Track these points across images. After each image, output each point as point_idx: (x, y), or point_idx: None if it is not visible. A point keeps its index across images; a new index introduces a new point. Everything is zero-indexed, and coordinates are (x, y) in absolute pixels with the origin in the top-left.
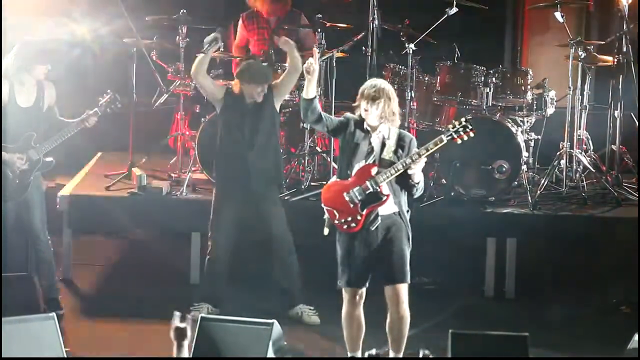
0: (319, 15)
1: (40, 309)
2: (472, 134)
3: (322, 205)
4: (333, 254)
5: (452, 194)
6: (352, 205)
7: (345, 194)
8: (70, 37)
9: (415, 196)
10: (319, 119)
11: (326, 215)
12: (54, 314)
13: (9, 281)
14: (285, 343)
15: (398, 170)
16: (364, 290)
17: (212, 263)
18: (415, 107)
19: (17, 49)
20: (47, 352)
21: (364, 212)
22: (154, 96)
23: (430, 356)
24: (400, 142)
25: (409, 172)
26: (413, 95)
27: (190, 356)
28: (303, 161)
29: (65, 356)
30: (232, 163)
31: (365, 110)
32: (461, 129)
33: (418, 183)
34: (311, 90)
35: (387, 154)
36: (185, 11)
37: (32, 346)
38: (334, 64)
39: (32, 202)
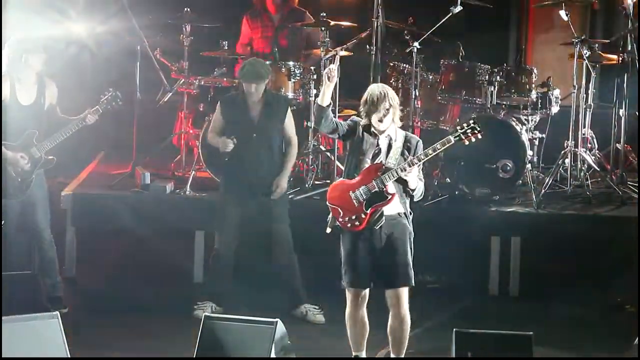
0: (323, 14)
1: (43, 307)
2: (479, 136)
3: (327, 203)
4: (337, 252)
5: (457, 192)
6: (356, 204)
7: (350, 192)
8: (69, 34)
9: (415, 200)
10: (333, 126)
11: (331, 215)
12: (57, 312)
13: (12, 279)
14: (289, 342)
15: (404, 169)
16: (367, 290)
17: (217, 262)
18: (419, 106)
19: (10, 44)
20: (51, 350)
21: (369, 211)
22: (157, 94)
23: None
24: (407, 144)
25: (403, 176)
26: (417, 93)
27: (194, 355)
28: (307, 160)
29: (68, 355)
30: (238, 164)
31: (380, 122)
32: (469, 131)
33: (414, 190)
34: (327, 97)
35: (394, 155)
36: (188, 9)
37: (35, 345)
38: (338, 63)
39: (35, 200)
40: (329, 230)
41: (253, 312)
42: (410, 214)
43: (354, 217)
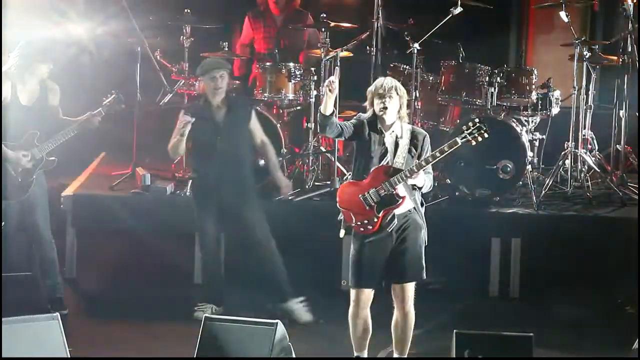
0: (324, 15)
1: (44, 308)
2: (486, 135)
3: (338, 206)
4: (335, 254)
5: (457, 193)
6: (367, 208)
7: (360, 195)
8: (70, 36)
9: (424, 192)
10: (338, 131)
11: (341, 216)
12: (57, 313)
13: (12, 281)
14: (289, 343)
15: (413, 172)
16: (372, 292)
17: (204, 263)
18: (419, 107)
19: (20, 48)
20: (51, 352)
21: (380, 215)
22: (158, 96)
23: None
24: (414, 140)
25: (411, 181)
26: (417, 94)
27: (195, 356)
28: (307, 161)
29: (69, 356)
30: (206, 171)
31: (384, 108)
32: (475, 131)
33: (421, 188)
34: (329, 107)
35: (401, 154)
36: (189, 11)
37: (36, 346)
38: (339, 64)
39: (35, 201)
40: (342, 233)
41: (253, 313)
42: (422, 205)
43: (366, 221)
